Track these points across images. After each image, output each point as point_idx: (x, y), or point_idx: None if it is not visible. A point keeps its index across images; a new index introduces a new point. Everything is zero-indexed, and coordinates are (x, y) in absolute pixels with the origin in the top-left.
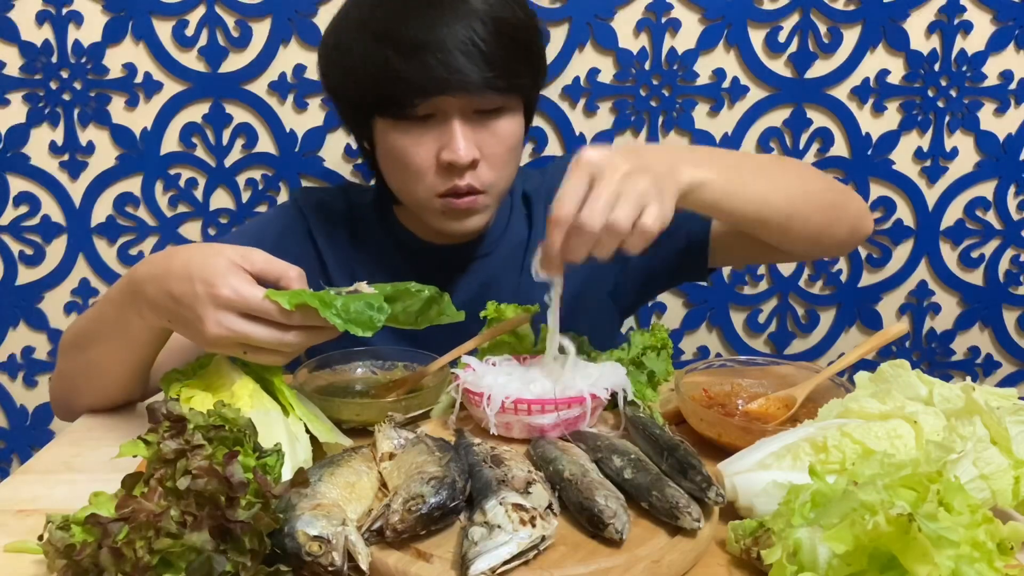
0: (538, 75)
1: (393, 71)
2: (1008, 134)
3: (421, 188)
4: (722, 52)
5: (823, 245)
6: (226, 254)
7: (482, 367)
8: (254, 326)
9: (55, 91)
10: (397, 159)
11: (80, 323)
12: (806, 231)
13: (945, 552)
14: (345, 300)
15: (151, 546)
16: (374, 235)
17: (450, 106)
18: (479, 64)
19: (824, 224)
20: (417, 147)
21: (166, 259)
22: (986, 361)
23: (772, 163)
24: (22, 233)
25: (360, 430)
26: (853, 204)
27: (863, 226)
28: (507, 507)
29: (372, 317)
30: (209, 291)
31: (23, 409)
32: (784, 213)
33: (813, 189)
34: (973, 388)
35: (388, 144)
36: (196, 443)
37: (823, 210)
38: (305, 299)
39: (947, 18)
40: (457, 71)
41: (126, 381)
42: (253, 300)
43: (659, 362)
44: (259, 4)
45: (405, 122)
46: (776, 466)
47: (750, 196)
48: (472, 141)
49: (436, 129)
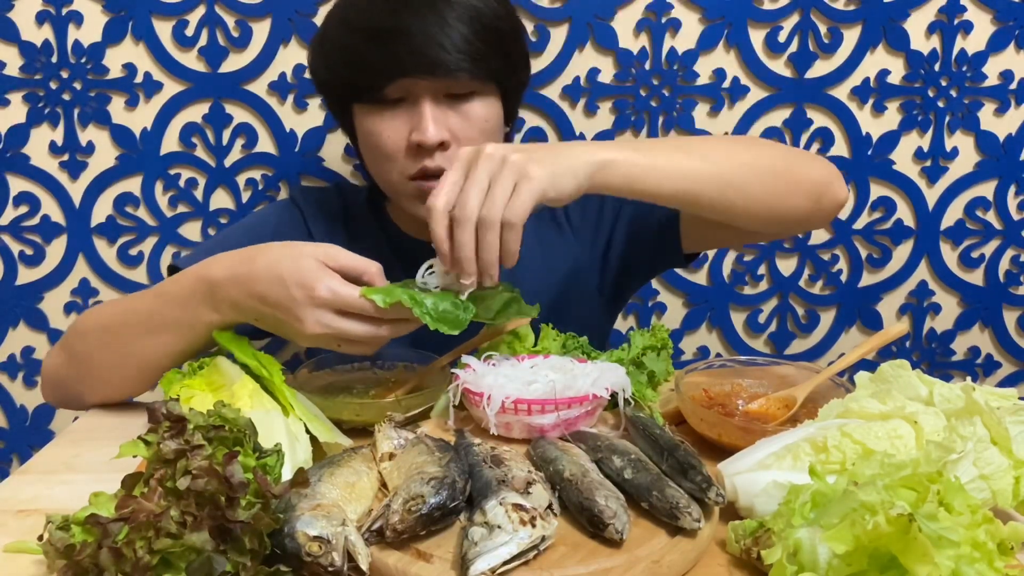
0: (514, 64)
1: (360, 56)
2: (1008, 134)
3: (394, 171)
4: (722, 52)
5: (782, 217)
6: (311, 253)
7: (482, 367)
8: (351, 323)
9: (55, 91)
10: (371, 143)
11: (113, 314)
12: (750, 202)
13: (945, 552)
14: (435, 299)
15: (151, 546)
16: (368, 232)
17: (420, 89)
18: (445, 47)
19: (771, 193)
20: (388, 130)
21: (247, 262)
22: (986, 361)
23: (702, 140)
24: (22, 233)
25: (360, 430)
26: (813, 170)
27: (831, 192)
28: (507, 507)
29: (459, 316)
30: (308, 293)
31: (23, 409)
32: (715, 185)
33: (752, 158)
34: (973, 388)
35: (364, 129)
36: (196, 443)
37: (766, 178)
38: (398, 297)
39: (947, 18)
40: (421, 53)
41: (163, 372)
42: (350, 299)
43: (659, 362)
44: (259, 4)
45: (378, 106)
46: (776, 466)
47: (669, 171)
48: (442, 123)
49: (407, 112)
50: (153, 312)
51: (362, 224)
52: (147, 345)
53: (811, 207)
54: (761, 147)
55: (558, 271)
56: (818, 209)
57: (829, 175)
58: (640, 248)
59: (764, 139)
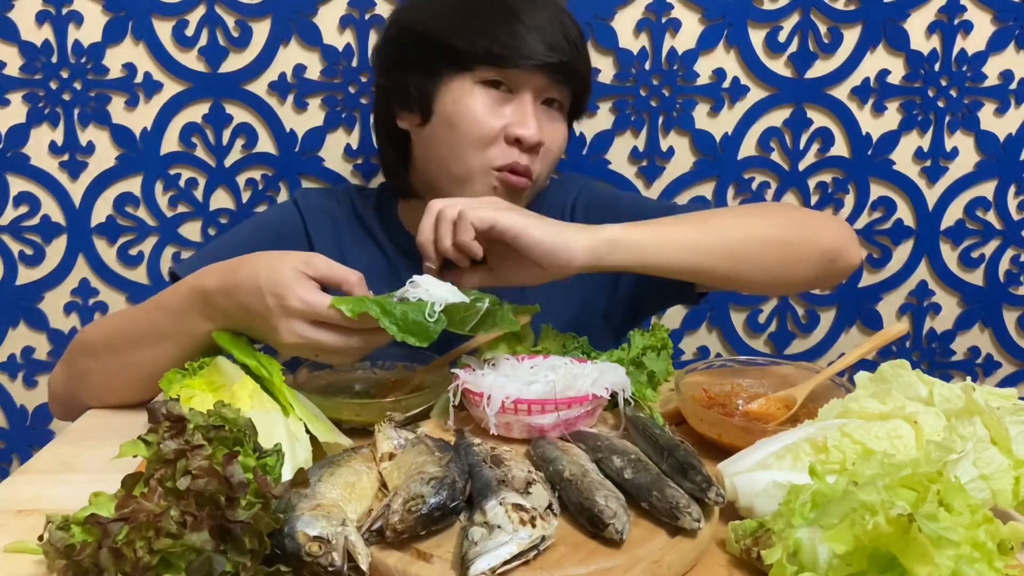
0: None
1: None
2: (1008, 134)
3: (480, 157)
4: (722, 52)
5: (791, 284)
6: (290, 263)
7: (482, 367)
8: (322, 332)
9: (55, 91)
10: (465, 123)
11: (112, 327)
12: (760, 274)
13: (945, 552)
14: (404, 309)
15: (151, 546)
16: (375, 238)
17: (530, 85)
18: (571, 50)
19: (782, 264)
20: (489, 116)
21: (233, 272)
22: (986, 361)
23: (710, 213)
24: (22, 233)
25: (360, 430)
26: (826, 237)
27: (843, 258)
28: (507, 507)
29: (429, 328)
30: (280, 303)
31: (23, 409)
32: (726, 260)
33: (762, 230)
34: (973, 388)
35: (460, 106)
36: (196, 443)
37: (777, 250)
38: (367, 307)
39: (947, 18)
40: (557, 48)
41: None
42: (320, 308)
43: (659, 362)
44: (259, 4)
45: (485, 90)
46: (776, 466)
47: (679, 245)
48: (541, 125)
49: (510, 104)
50: (151, 324)
51: (369, 229)
52: (147, 356)
53: (822, 274)
54: (773, 215)
55: (567, 292)
56: (829, 274)
57: (843, 240)
58: (654, 286)
59: (777, 204)
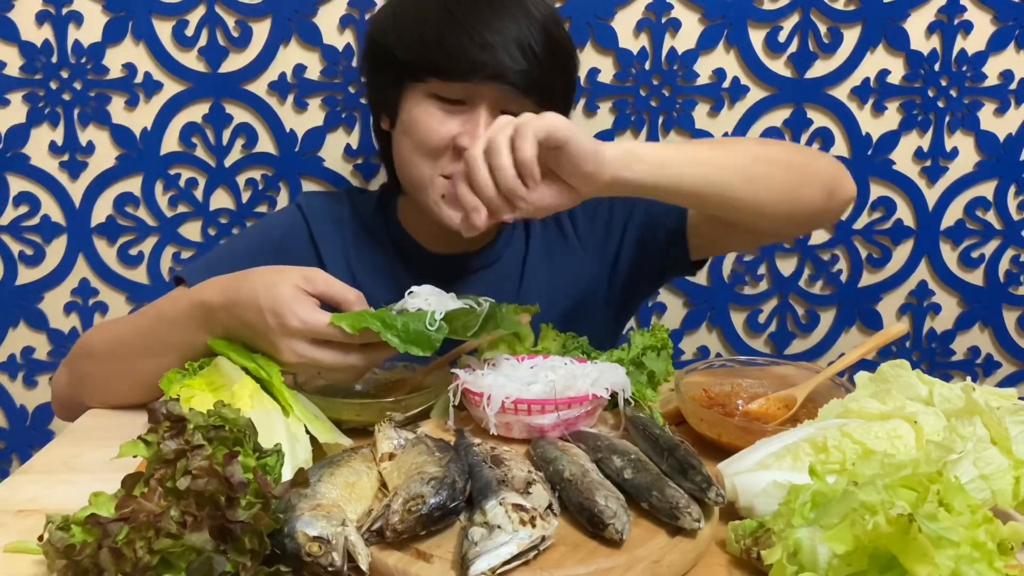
0: (569, 99)
1: (456, 40)
2: (1008, 134)
3: (429, 166)
4: (722, 52)
5: (797, 210)
6: (290, 280)
7: (482, 367)
8: (323, 352)
9: (55, 91)
10: (417, 132)
11: (114, 333)
12: (772, 194)
13: (945, 552)
14: (405, 320)
15: (151, 546)
16: (377, 241)
17: (484, 97)
18: (529, 62)
19: (791, 184)
20: (440, 126)
21: (234, 289)
22: (986, 361)
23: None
24: (22, 233)
25: (360, 430)
26: (824, 164)
27: (841, 186)
28: (507, 507)
29: (431, 337)
30: (279, 322)
31: (23, 409)
32: (739, 175)
33: (768, 153)
34: (973, 388)
35: (414, 114)
36: (196, 443)
37: (785, 170)
38: (367, 322)
39: (947, 18)
40: (511, 61)
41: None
42: (319, 327)
43: (659, 362)
44: (259, 4)
45: (438, 101)
46: (776, 466)
47: (695, 159)
48: None
49: (463, 115)
50: (152, 334)
51: (371, 232)
52: (148, 364)
53: (825, 200)
54: (773, 143)
55: (567, 282)
56: (830, 202)
57: (837, 170)
58: (649, 256)
59: (771, 139)
